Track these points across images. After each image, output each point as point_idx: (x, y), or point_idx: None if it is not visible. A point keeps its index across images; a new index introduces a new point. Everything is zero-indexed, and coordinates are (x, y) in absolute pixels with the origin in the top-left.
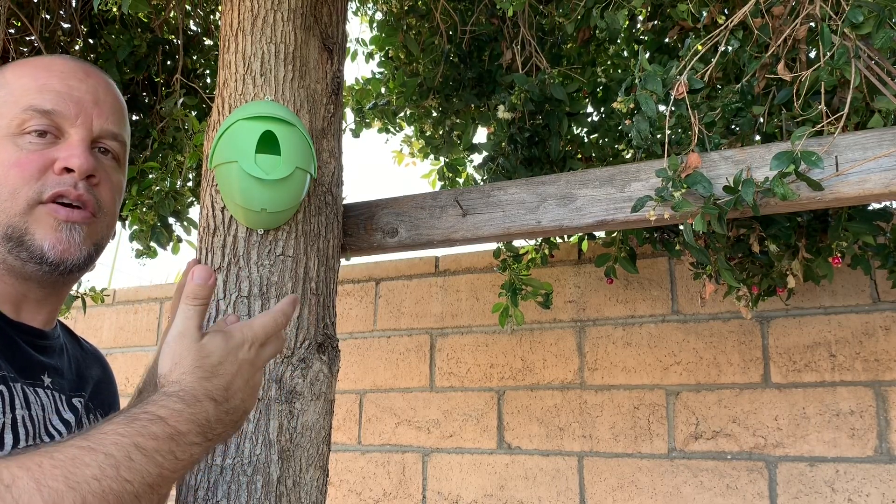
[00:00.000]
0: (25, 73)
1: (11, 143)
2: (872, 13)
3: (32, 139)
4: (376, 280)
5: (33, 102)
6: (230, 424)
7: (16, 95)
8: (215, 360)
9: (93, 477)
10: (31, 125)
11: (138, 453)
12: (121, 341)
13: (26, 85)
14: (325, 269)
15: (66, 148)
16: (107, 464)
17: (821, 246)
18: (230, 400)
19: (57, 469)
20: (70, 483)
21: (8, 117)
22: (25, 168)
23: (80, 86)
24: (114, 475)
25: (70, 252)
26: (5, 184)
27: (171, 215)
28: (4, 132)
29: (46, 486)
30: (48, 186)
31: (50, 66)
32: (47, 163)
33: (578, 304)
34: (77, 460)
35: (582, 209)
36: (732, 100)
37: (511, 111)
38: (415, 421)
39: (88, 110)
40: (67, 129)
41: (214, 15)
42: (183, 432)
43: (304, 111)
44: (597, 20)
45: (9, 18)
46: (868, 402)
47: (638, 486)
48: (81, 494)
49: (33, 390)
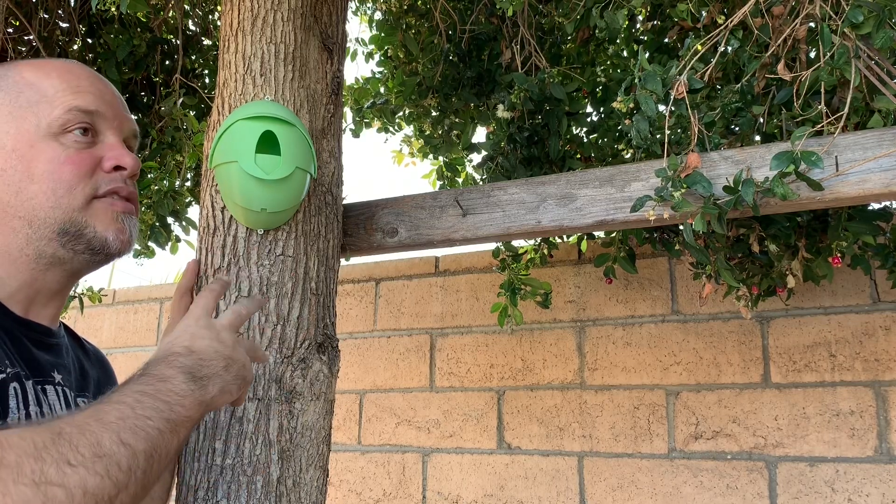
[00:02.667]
0: (49, 74)
1: (55, 142)
2: (872, 13)
3: (77, 137)
4: (376, 280)
5: (77, 103)
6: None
7: (49, 95)
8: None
9: (118, 418)
10: (75, 124)
11: (145, 396)
12: (121, 341)
13: (58, 86)
14: (325, 269)
15: (111, 148)
16: (123, 408)
17: (820, 246)
18: (197, 352)
19: (89, 418)
20: (103, 425)
21: (46, 117)
22: (79, 165)
23: (106, 89)
24: (132, 415)
25: (129, 241)
26: (60, 180)
27: (169, 215)
28: (45, 132)
29: (87, 430)
30: (102, 182)
31: (70, 68)
32: (95, 161)
33: (578, 304)
34: (100, 410)
35: (582, 209)
36: (732, 100)
37: (510, 110)
38: (415, 421)
39: (119, 112)
40: (105, 129)
41: (213, 15)
42: (169, 376)
43: (304, 111)
44: (596, 20)
45: (7, 18)
46: (868, 402)
47: (638, 486)
48: (115, 431)
49: (42, 388)
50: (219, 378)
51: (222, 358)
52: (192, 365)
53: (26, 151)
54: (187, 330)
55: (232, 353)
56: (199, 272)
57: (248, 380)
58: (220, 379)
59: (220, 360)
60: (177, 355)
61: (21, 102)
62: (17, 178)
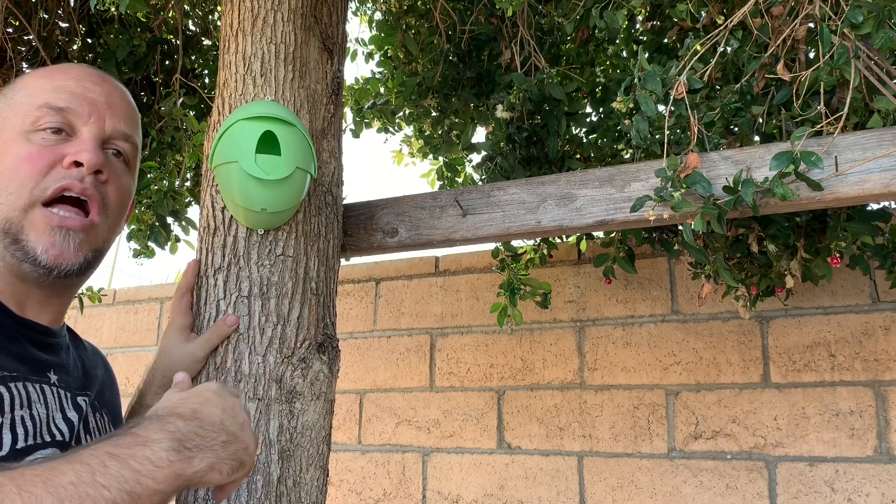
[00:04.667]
0: (44, 75)
1: (24, 139)
2: (872, 13)
3: (46, 136)
4: (376, 280)
5: (48, 100)
6: (214, 443)
7: (32, 95)
8: (176, 398)
9: (69, 482)
10: (45, 122)
11: (112, 460)
12: (121, 341)
13: (43, 85)
14: (325, 269)
15: (77, 144)
16: (83, 470)
17: (819, 246)
18: (201, 419)
19: (37, 476)
20: (48, 488)
21: (23, 115)
22: (36, 162)
23: (95, 88)
24: (90, 480)
25: (63, 258)
26: (15, 177)
27: (169, 215)
28: (19, 129)
29: (27, 491)
30: (54, 180)
31: (67, 70)
32: (57, 158)
33: (578, 304)
34: (55, 469)
35: (582, 209)
36: (732, 100)
37: (510, 111)
38: (415, 421)
39: (101, 110)
40: (80, 127)
41: (213, 15)
42: (154, 439)
43: (304, 111)
44: (596, 20)
45: (6, 18)
46: (868, 402)
47: (638, 486)
48: (59, 498)
49: (39, 387)
50: (210, 452)
51: (225, 433)
52: (188, 432)
53: (1, 149)
54: (203, 393)
55: (238, 432)
56: (200, 272)
57: (246, 464)
58: (213, 454)
59: (220, 434)
60: (178, 417)
61: (12, 104)
62: None
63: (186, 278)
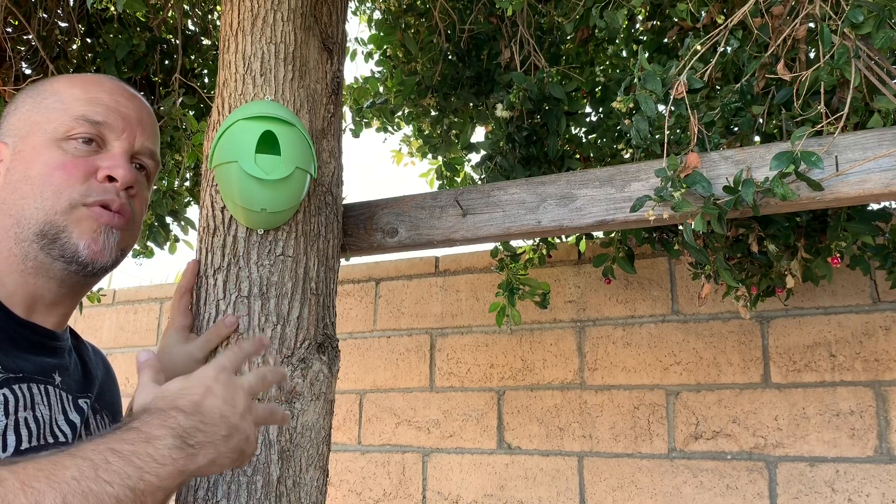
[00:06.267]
0: (76, 84)
1: (57, 147)
2: (872, 13)
3: (78, 145)
4: (376, 280)
5: (85, 112)
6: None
7: (66, 104)
8: (175, 388)
9: (72, 477)
10: (79, 132)
11: (115, 456)
12: (121, 341)
13: (77, 95)
14: (325, 269)
15: (110, 158)
16: (85, 465)
17: (820, 246)
18: (203, 413)
19: (40, 471)
20: (51, 483)
21: (56, 122)
22: (71, 172)
23: (128, 103)
24: (92, 476)
25: (102, 254)
26: (49, 184)
27: (168, 215)
28: (50, 136)
29: (30, 486)
30: (93, 192)
31: (100, 82)
32: (91, 169)
33: (578, 304)
34: (58, 464)
35: (582, 209)
36: (732, 99)
37: (509, 110)
38: (415, 421)
39: (133, 127)
40: (112, 140)
41: (213, 14)
42: (157, 436)
43: (304, 111)
44: (596, 19)
45: (6, 17)
46: (868, 402)
47: (638, 486)
48: (62, 493)
49: (43, 388)
50: (213, 448)
51: (226, 426)
52: (189, 428)
53: (30, 153)
54: (203, 382)
55: (239, 423)
56: (199, 272)
57: (247, 453)
58: (214, 449)
59: (222, 428)
60: (178, 411)
61: (42, 109)
62: (16, 177)
63: (186, 278)
